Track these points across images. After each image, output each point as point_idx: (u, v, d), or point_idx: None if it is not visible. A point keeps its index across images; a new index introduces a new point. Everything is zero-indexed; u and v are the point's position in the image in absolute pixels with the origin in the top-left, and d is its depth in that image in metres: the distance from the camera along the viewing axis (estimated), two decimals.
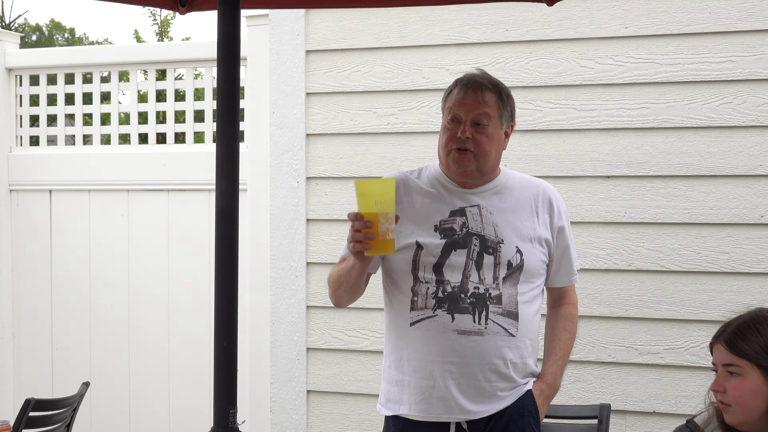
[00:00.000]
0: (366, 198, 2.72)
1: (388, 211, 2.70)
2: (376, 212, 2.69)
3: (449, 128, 2.93)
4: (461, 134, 2.89)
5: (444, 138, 2.94)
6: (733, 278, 3.97)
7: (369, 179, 2.84)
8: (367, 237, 2.70)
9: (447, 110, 2.96)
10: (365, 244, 2.71)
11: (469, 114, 2.90)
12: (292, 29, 4.58)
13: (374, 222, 2.69)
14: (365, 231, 2.70)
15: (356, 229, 2.71)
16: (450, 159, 2.92)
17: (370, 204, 2.70)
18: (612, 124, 4.12)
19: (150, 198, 5.60)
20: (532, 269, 2.92)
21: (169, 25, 12.95)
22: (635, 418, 4.09)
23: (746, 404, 2.38)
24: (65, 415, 4.22)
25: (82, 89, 5.89)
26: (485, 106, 2.91)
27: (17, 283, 5.87)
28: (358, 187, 2.74)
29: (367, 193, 2.72)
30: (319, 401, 4.56)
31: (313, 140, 4.56)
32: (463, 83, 2.97)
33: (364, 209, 2.71)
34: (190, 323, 5.47)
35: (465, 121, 2.90)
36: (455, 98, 2.94)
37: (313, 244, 4.55)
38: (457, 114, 2.92)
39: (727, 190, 3.98)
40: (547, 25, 4.21)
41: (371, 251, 2.73)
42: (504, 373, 2.84)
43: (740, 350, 2.39)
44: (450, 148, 2.91)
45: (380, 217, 2.69)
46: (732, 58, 3.98)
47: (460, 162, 2.91)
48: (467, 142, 2.89)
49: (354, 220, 2.73)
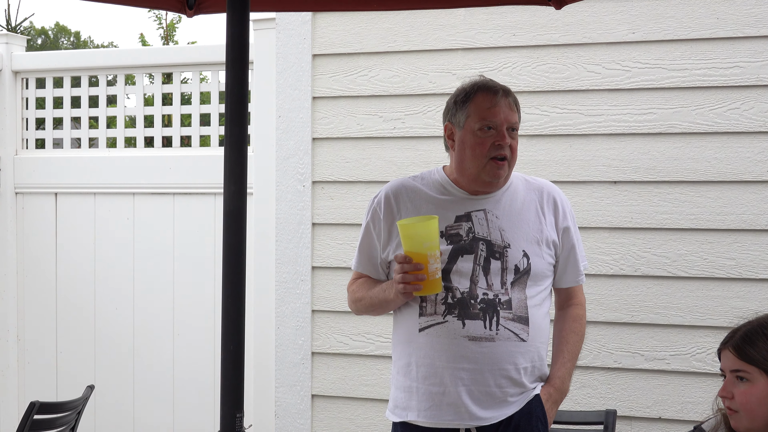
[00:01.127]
0: (413, 240, 2.70)
1: (436, 252, 2.70)
2: (425, 254, 2.68)
3: (483, 137, 2.84)
4: (502, 142, 2.83)
5: (477, 147, 2.85)
6: (740, 284, 3.96)
7: (413, 221, 2.79)
8: (417, 278, 2.70)
9: (474, 118, 2.86)
10: (416, 285, 2.71)
11: (506, 122, 2.85)
12: (299, 33, 4.58)
13: (424, 264, 2.69)
14: (415, 273, 2.70)
15: (406, 271, 2.71)
16: (485, 172, 2.85)
17: (417, 246, 2.69)
18: (619, 130, 4.11)
19: (155, 201, 5.59)
20: (539, 272, 2.90)
21: (174, 29, 12.96)
22: (641, 424, 4.08)
23: (753, 411, 2.38)
24: (70, 419, 4.21)
25: (88, 92, 5.89)
26: (515, 113, 2.88)
27: (22, 285, 5.87)
28: (404, 230, 2.72)
29: (413, 235, 2.71)
30: (323, 406, 4.55)
31: (319, 144, 4.55)
32: (486, 88, 2.89)
33: (411, 251, 2.70)
34: (194, 327, 5.47)
35: (501, 128, 2.84)
36: (485, 105, 2.85)
37: (318, 248, 4.55)
38: (492, 122, 2.84)
39: (735, 195, 3.97)
40: (554, 30, 4.20)
41: (421, 292, 2.74)
42: (515, 378, 2.83)
43: (748, 356, 2.39)
44: (488, 157, 2.84)
45: (429, 258, 2.69)
46: (739, 64, 3.97)
47: (498, 173, 2.85)
48: (506, 149, 2.84)
49: (403, 262, 2.72)
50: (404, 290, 2.74)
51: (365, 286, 2.99)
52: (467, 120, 2.87)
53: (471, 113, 2.87)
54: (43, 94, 5.98)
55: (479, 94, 2.88)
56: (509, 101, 2.88)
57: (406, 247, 2.72)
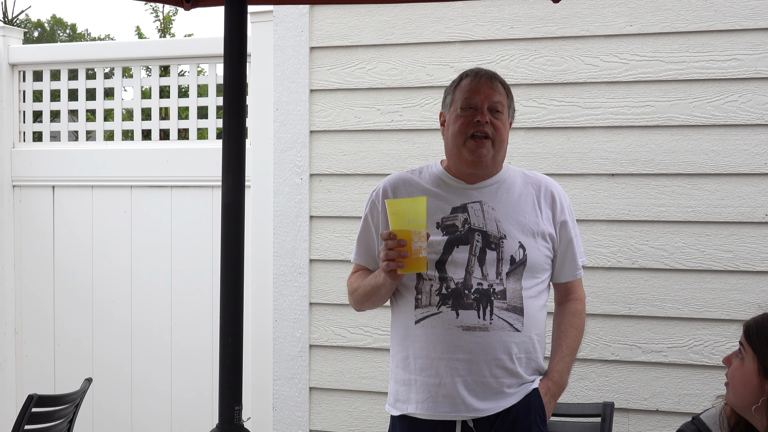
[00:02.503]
0: (398, 217, 2.72)
1: (421, 229, 2.71)
2: (408, 230, 2.70)
3: (463, 116, 2.90)
4: (480, 118, 2.87)
5: (457, 126, 2.90)
6: (737, 276, 3.97)
7: (400, 199, 2.84)
8: (400, 255, 2.71)
9: (458, 101, 2.93)
10: (399, 262, 2.71)
11: (486, 101, 2.89)
12: (297, 26, 4.57)
13: (408, 240, 2.70)
14: (398, 249, 2.70)
15: (389, 248, 2.72)
16: (465, 149, 2.89)
17: (402, 223, 2.71)
18: (617, 122, 4.12)
19: (153, 194, 5.59)
20: (535, 264, 2.91)
21: (171, 21, 12.95)
22: (638, 416, 4.08)
23: (737, 388, 2.46)
24: (68, 411, 4.22)
25: (86, 85, 5.89)
26: (499, 94, 2.91)
27: (20, 278, 5.87)
28: (390, 207, 2.74)
29: (399, 212, 2.72)
30: (321, 398, 4.56)
31: (316, 137, 4.55)
32: (473, 74, 2.96)
33: (396, 228, 2.71)
34: (192, 319, 5.47)
35: (482, 107, 2.88)
36: (468, 87, 2.92)
37: (316, 241, 4.55)
38: (472, 101, 2.89)
39: (732, 188, 3.98)
40: (552, 23, 4.20)
41: (404, 269, 2.74)
42: (510, 368, 2.84)
43: (750, 336, 2.45)
44: (466, 135, 2.88)
45: (413, 236, 2.70)
46: (737, 57, 3.97)
47: (477, 150, 2.88)
48: (486, 127, 2.87)
49: (387, 239, 2.73)
50: (387, 268, 2.73)
51: (362, 277, 3.01)
52: (452, 104, 2.96)
53: (456, 97, 2.95)
54: (40, 86, 5.97)
55: (465, 79, 2.96)
56: (493, 83, 2.93)
57: (392, 225, 2.74)
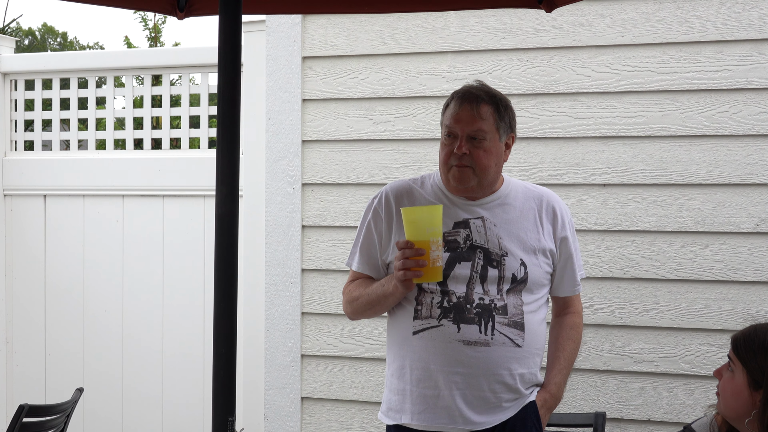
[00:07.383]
0: (415, 225, 2.69)
1: (438, 238, 2.68)
2: (427, 240, 2.67)
3: (446, 144, 2.91)
4: (457, 150, 2.87)
5: (442, 155, 2.93)
6: (729, 287, 3.98)
7: (416, 207, 2.82)
8: (418, 264, 2.69)
9: (444, 126, 2.94)
10: (416, 272, 2.70)
11: (465, 130, 2.88)
12: (289, 35, 4.58)
13: (426, 249, 2.67)
14: (416, 258, 2.69)
15: (407, 257, 2.69)
16: (450, 175, 2.90)
17: (421, 231, 2.67)
18: (608, 132, 4.13)
19: (145, 204, 5.59)
20: (536, 281, 2.91)
21: (160, 31, 12.92)
22: (630, 426, 4.09)
23: (728, 400, 2.48)
24: (59, 421, 4.21)
25: (78, 94, 5.89)
26: (480, 121, 2.88)
27: (11, 288, 5.85)
28: (407, 215, 2.71)
29: (416, 220, 2.69)
30: (313, 408, 4.55)
31: (309, 147, 4.55)
32: (458, 96, 2.94)
33: (414, 237, 2.68)
34: (184, 329, 5.46)
35: (461, 137, 2.88)
36: (451, 113, 2.91)
37: (308, 251, 4.55)
38: (453, 130, 2.90)
39: (723, 198, 3.99)
40: (544, 33, 4.21)
41: (422, 279, 2.71)
42: (510, 384, 2.84)
43: (738, 350, 2.48)
44: (450, 164, 2.89)
45: (432, 245, 2.67)
46: (728, 67, 3.99)
47: (461, 179, 2.89)
48: (464, 158, 2.87)
49: (404, 248, 2.70)
50: (404, 277, 2.71)
51: (362, 285, 2.98)
52: (442, 125, 2.97)
53: (443, 120, 2.96)
54: (32, 95, 5.96)
55: (452, 102, 2.95)
56: (475, 108, 2.89)
57: (408, 233, 2.70)
